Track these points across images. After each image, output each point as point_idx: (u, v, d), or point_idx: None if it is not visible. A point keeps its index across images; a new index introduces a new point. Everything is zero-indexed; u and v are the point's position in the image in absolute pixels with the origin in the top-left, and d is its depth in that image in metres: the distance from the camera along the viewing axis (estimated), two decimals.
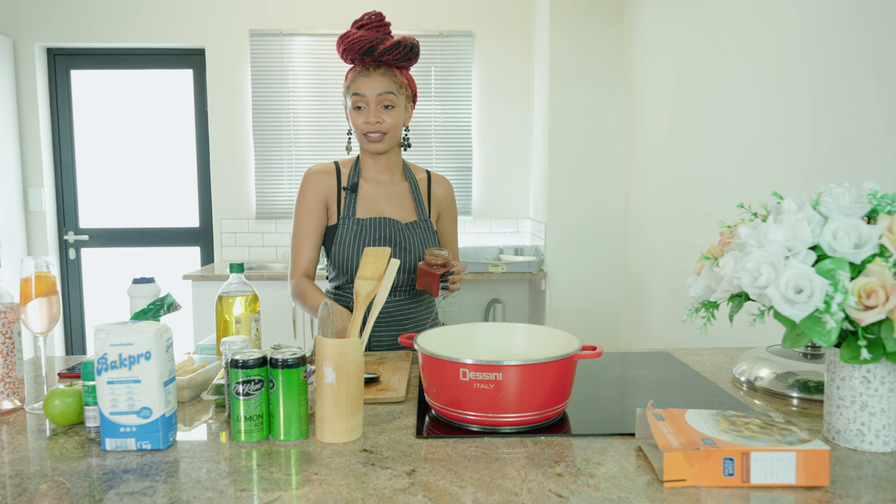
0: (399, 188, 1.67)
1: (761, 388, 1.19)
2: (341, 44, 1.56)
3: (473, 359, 0.98)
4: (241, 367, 0.94)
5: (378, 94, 1.54)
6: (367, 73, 1.55)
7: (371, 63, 1.56)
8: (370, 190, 1.65)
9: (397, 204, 1.65)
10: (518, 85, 3.85)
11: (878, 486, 0.80)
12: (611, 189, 3.33)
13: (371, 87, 1.54)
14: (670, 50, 2.66)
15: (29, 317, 1.13)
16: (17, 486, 0.82)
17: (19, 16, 3.70)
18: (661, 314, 2.79)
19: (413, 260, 1.60)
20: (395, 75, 1.57)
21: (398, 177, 1.68)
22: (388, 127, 1.57)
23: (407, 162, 1.72)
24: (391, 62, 1.56)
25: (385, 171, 1.66)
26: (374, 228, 1.59)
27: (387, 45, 1.54)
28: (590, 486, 0.81)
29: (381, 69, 1.55)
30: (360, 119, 1.56)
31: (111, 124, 3.89)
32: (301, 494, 0.79)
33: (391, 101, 1.55)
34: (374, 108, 1.55)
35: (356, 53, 1.54)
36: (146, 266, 3.94)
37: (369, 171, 1.66)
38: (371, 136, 1.57)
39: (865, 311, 0.81)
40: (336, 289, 1.66)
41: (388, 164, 1.66)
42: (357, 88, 1.55)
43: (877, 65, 1.45)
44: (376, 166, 1.65)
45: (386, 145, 1.60)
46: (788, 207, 0.91)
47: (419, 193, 1.68)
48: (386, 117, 1.56)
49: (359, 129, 1.58)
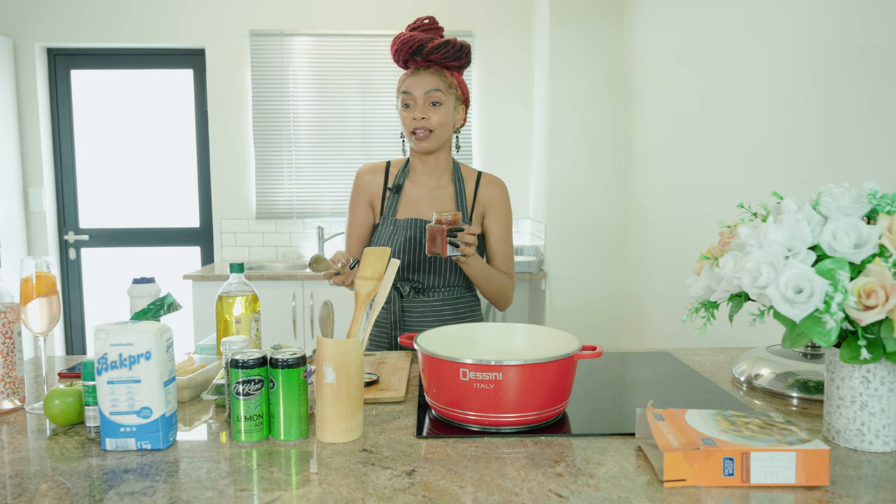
0: (444, 192, 1.66)
1: (761, 388, 1.19)
2: (394, 44, 1.59)
3: (473, 359, 0.98)
4: (241, 367, 0.94)
5: (425, 91, 1.55)
6: (416, 72, 1.58)
7: (421, 63, 1.58)
8: (413, 191, 1.65)
9: (438, 205, 1.65)
10: (518, 84, 3.85)
11: (878, 486, 0.80)
12: (611, 189, 3.33)
13: (419, 84, 1.56)
14: (671, 49, 2.66)
15: (29, 317, 1.13)
16: (17, 486, 0.82)
17: (19, 16, 3.70)
18: (660, 314, 2.79)
19: (445, 262, 1.60)
20: (444, 75, 1.58)
21: (445, 180, 1.67)
22: (435, 124, 1.56)
23: (459, 164, 1.70)
24: (440, 61, 1.57)
25: (433, 174, 1.66)
26: (406, 229, 1.60)
27: (435, 44, 1.55)
28: (590, 486, 0.81)
29: (430, 69, 1.57)
30: (408, 116, 1.57)
31: (111, 124, 3.89)
32: (301, 494, 0.79)
33: (438, 99, 1.56)
34: (420, 105, 1.56)
35: (406, 53, 1.57)
36: (146, 266, 3.94)
37: (416, 173, 1.67)
38: (418, 134, 1.57)
39: (865, 311, 0.81)
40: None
41: (437, 165, 1.65)
42: (406, 87, 1.57)
43: (877, 64, 1.45)
44: (424, 168, 1.65)
45: (433, 144, 1.59)
46: (788, 207, 0.91)
47: (464, 196, 1.66)
48: (432, 114, 1.56)
49: (406, 126, 1.59)
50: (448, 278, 1.62)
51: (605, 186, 3.33)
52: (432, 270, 1.60)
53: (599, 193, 3.33)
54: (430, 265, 1.60)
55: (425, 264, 1.60)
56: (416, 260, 1.60)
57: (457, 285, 1.65)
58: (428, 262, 1.60)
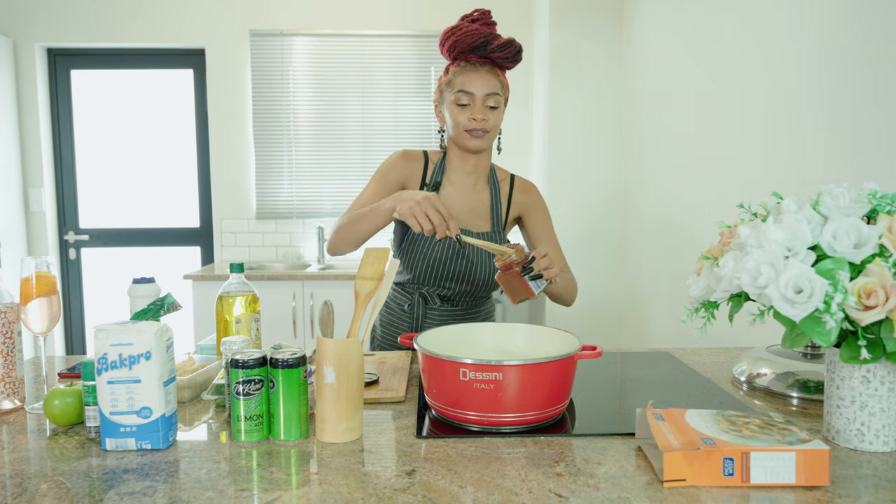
0: (480, 196, 1.61)
1: (761, 387, 1.19)
2: (451, 35, 1.50)
3: (473, 359, 0.98)
4: (241, 367, 0.94)
5: (486, 92, 1.50)
6: (475, 68, 1.50)
7: (478, 59, 1.52)
8: (451, 194, 1.60)
9: (473, 212, 1.60)
10: (518, 83, 3.85)
11: (878, 486, 0.80)
12: (611, 189, 3.33)
13: (480, 84, 1.49)
14: (671, 48, 2.66)
15: (29, 317, 1.13)
16: (17, 486, 0.82)
17: (19, 16, 3.70)
18: (660, 314, 2.79)
19: (474, 270, 1.56)
20: (499, 75, 1.53)
21: (481, 184, 1.63)
22: (492, 126, 1.53)
23: (494, 166, 1.67)
24: (499, 60, 1.53)
25: (471, 175, 1.61)
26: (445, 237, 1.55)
27: (500, 42, 1.50)
28: (590, 486, 0.81)
29: (486, 66, 1.51)
30: (464, 116, 1.51)
31: (111, 124, 3.89)
32: (301, 494, 0.79)
33: (496, 102, 1.52)
34: (480, 105, 1.50)
35: (467, 46, 1.50)
36: (146, 266, 3.94)
37: (455, 172, 1.61)
38: (475, 133, 1.52)
39: (865, 311, 0.81)
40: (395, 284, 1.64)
41: (477, 166, 1.61)
42: (464, 85, 1.50)
43: (878, 64, 1.45)
44: (464, 167, 1.60)
45: (486, 143, 1.55)
46: (788, 207, 0.91)
47: (499, 202, 1.62)
48: (490, 116, 1.52)
49: (461, 125, 1.52)
50: (480, 288, 1.58)
51: (605, 186, 3.33)
52: (466, 279, 1.56)
53: (599, 193, 3.33)
54: (465, 276, 1.55)
55: (461, 274, 1.55)
56: (454, 270, 1.55)
57: (483, 296, 1.62)
58: (464, 273, 1.55)
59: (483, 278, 1.56)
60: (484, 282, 1.57)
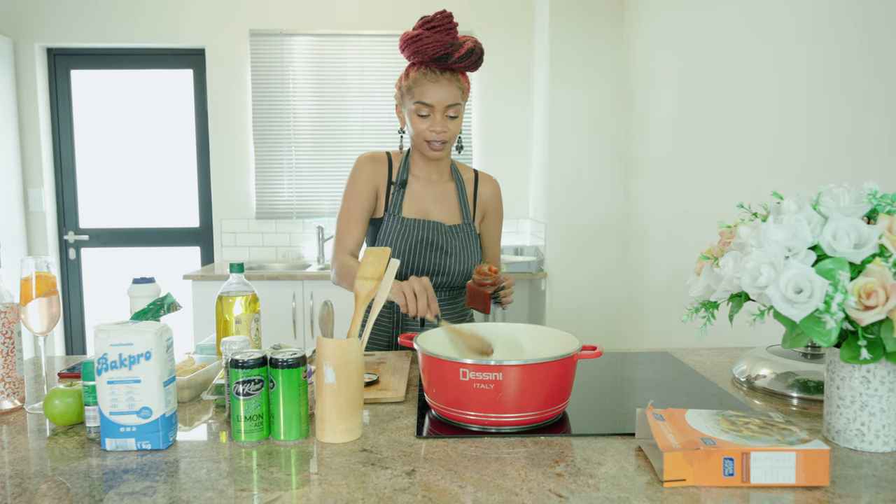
0: (446, 188, 1.66)
1: (761, 388, 1.19)
2: (410, 45, 1.50)
3: (473, 359, 0.98)
4: (241, 367, 0.94)
5: (446, 105, 1.51)
6: (434, 77, 1.50)
7: (438, 68, 1.51)
8: (418, 188, 1.64)
9: (443, 205, 1.64)
10: (518, 84, 3.85)
11: (878, 486, 0.80)
12: (611, 189, 3.33)
13: (439, 96, 1.50)
14: (671, 47, 2.66)
15: (29, 317, 1.13)
16: (17, 486, 0.82)
17: (19, 16, 3.70)
18: (661, 314, 2.79)
19: (454, 264, 1.59)
20: (460, 81, 1.53)
21: (446, 176, 1.67)
22: (451, 136, 1.55)
23: (455, 162, 1.71)
24: (459, 70, 1.53)
25: (435, 172, 1.65)
26: (418, 230, 1.59)
27: (461, 54, 1.49)
28: (590, 486, 0.81)
29: (447, 74, 1.51)
30: (424, 126, 1.53)
31: (111, 124, 3.89)
32: (301, 494, 0.79)
33: (456, 112, 1.53)
34: (439, 117, 1.52)
35: (428, 57, 1.49)
36: (146, 266, 3.94)
37: (419, 169, 1.65)
38: (434, 145, 1.55)
39: (865, 311, 0.81)
40: None
41: (439, 164, 1.65)
42: (423, 96, 1.50)
43: (879, 64, 1.45)
44: (426, 166, 1.64)
45: (446, 152, 1.59)
46: (788, 207, 0.91)
47: (465, 195, 1.67)
48: (451, 126, 1.54)
49: (420, 134, 1.54)
50: (456, 279, 1.61)
51: (605, 186, 3.33)
52: (442, 272, 1.59)
53: (600, 193, 3.33)
54: (440, 267, 1.58)
55: (436, 266, 1.59)
56: (428, 262, 1.58)
57: (460, 286, 1.65)
58: (438, 264, 1.58)
59: (458, 268, 1.60)
60: (459, 271, 1.60)
